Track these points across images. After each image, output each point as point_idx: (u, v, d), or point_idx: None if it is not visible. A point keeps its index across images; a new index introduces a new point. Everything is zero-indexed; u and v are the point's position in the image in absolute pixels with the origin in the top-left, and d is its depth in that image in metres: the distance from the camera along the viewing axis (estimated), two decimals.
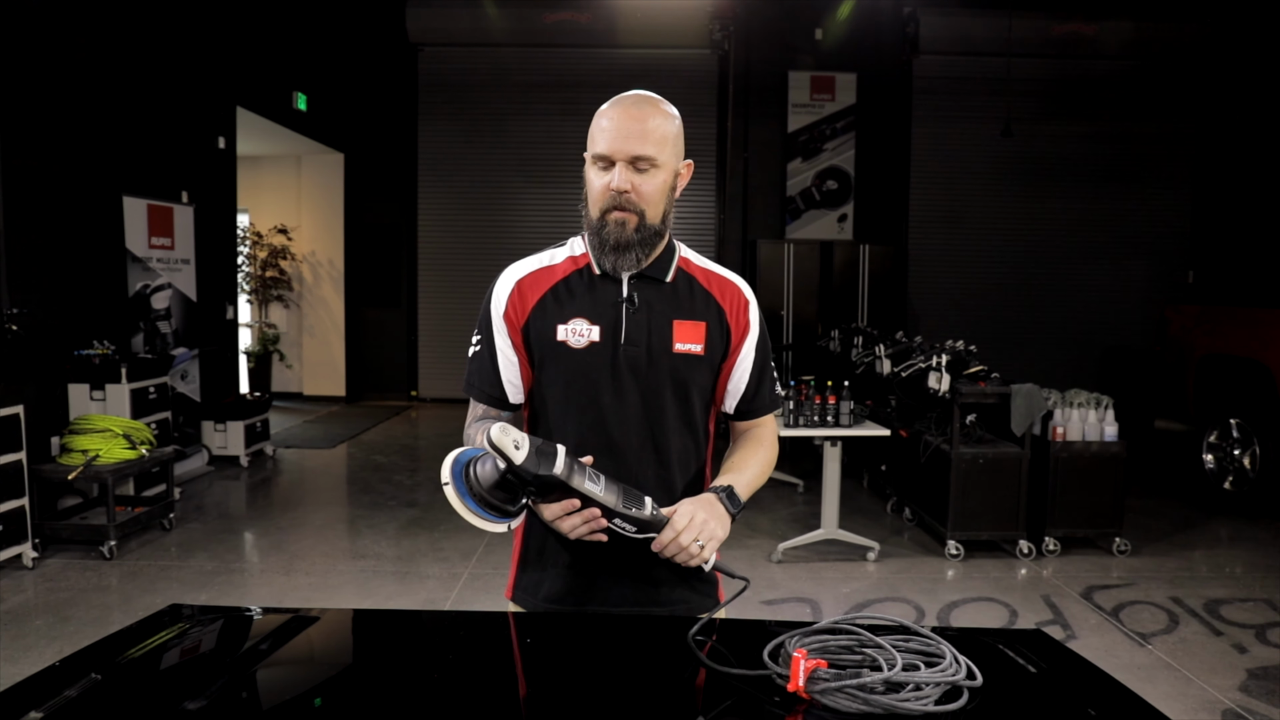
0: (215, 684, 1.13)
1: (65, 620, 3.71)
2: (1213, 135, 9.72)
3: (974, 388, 4.70)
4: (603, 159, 1.40)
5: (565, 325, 1.45)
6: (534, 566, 1.53)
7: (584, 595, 1.48)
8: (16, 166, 4.72)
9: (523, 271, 1.52)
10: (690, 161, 1.50)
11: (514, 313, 1.49)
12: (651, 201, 1.42)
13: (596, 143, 1.41)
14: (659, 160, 1.40)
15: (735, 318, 1.50)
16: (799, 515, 5.57)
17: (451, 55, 9.88)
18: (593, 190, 1.44)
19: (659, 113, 1.42)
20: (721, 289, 1.51)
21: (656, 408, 1.46)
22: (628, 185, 1.39)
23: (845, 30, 9.61)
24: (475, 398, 1.56)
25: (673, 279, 1.49)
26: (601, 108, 1.44)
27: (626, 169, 1.39)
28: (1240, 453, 5.79)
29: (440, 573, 4.43)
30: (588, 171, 1.45)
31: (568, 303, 1.47)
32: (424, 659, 1.28)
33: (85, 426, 4.73)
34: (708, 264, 1.55)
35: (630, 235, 1.41)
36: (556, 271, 1.50)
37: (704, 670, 1.16)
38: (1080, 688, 1.17)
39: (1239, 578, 4.52)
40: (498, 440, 1.19)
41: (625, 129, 1.39)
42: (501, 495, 1.26)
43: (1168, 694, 3.17)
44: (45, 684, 1.09)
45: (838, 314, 9.04)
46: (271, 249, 10.02)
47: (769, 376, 1.56)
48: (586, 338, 1.45)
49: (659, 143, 1.40)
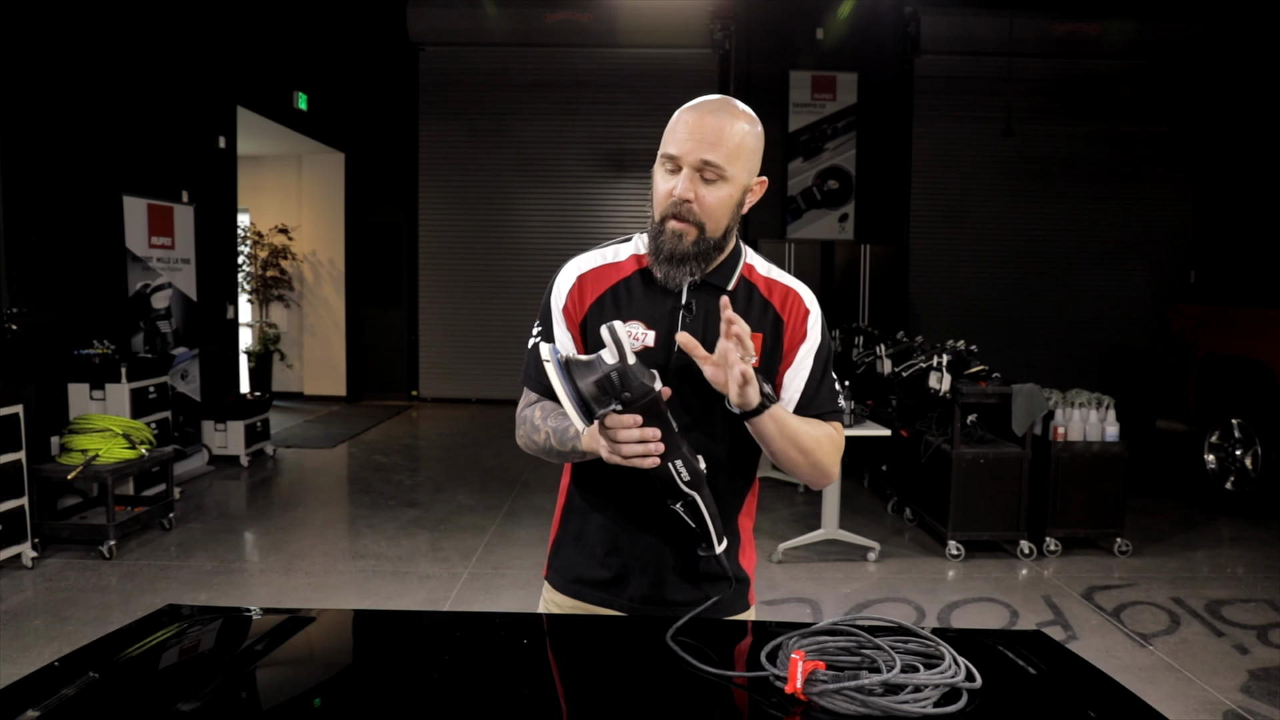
0: (212, 684, 1.12)
1: (64, 620, 3.70)
2: (1214, 135, 9.71)
3: (975, 388, 4.69)
4: (671, 160, 1.35)
5: (623, 326, 1.44)
6: (569, 548, 1.53)
7: (615, 585, 1.47)
8: (17, 166, 4.72)
9: (586, 266, 1.49)
10: (764, 179, 1.43)
11: (573, 307, 1.47)
12: (713, 216, 1.36)
13: (668, 142, 1.36)
14: (729, 172, 1.34)
15: (793, 328, 1.46)
16: (799, 515, 5.57)
17: (452, 55, 9.89)
18: (657, 192, 1.39)
19: (740, 121, 1.36)
20: (783, 298, 1.47)
21: (707, 418, 1.42)
22: (691, 194, 1.34)
23: (846, 30, 9.61)
24: (530, 388, 1.52)
25: (734, 287, 1.45)
26: (683, 106, 1.39)
27: (693, 176, 1.34)
28: (1242, 453, 5.78)
29: (440, 573, 4.43)
30: (655, 170, 1.40)
31: (626, 304, 1.44)
32: (423, 659, 1.27)
33: (85, 426, 4.73)
34: (773, 272, 1.50)
35: (687, 248, 1.36)
36: (620, 269, 1.47)
37: (702, 672, 1.15)
38: (1080, 689, 1.17)
39: (1240, 578, 4.51)
40: (621, 335, 1.19)
41: (700, 133, 1.33)
42: (594, 392, 1.22)
43: (1169, 695, 3.16)
44: (42, 683, 1.09)
45: (839, 314, 9.03)
46: (272, 248, 10.02)
47: (829, 385, 1.50)
48: (641, 342, 1.41)
49: (732, 153, 1.34)
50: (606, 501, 1.47)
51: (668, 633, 1.22)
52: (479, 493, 6.05)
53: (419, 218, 10.07)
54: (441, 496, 5.95)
